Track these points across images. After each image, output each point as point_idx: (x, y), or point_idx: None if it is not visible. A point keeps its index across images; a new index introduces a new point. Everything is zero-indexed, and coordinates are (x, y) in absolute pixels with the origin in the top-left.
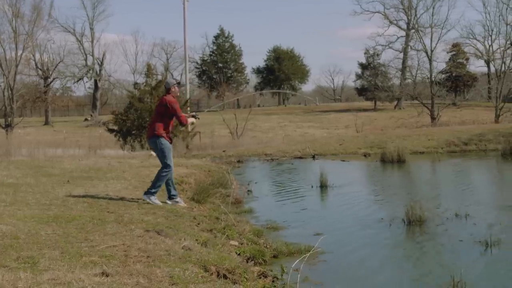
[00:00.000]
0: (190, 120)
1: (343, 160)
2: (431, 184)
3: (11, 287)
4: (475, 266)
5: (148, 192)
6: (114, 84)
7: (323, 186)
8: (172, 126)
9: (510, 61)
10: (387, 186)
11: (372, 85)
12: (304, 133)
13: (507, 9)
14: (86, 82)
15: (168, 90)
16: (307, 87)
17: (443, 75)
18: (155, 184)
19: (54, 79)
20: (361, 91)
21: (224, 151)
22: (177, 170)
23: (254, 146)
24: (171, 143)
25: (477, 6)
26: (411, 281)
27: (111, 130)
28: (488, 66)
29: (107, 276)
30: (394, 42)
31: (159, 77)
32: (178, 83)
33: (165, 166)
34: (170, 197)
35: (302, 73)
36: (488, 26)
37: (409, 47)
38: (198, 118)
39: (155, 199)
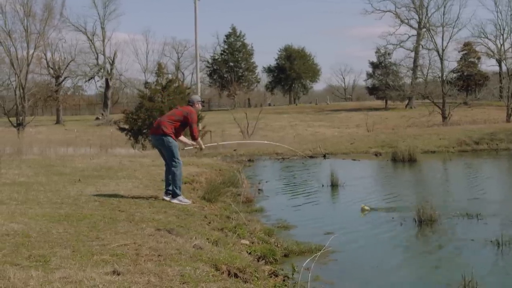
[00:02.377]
0: (200, 142)
1: (354, 159)
2: (442, 183)
3: (22, 285)
4: (486, 265)
5: (175, 195)
6: (125, 83)
7: (334, 185)
8: (179, 135)
9: None
10: (398, 185)
11: (383, 84)
12: (315, 132)
13: None
14: (97, 81)
15: (191, 105)
16: (318, 86)
17: (455, 74)
18: (175, 185)
19: (65, 78)
20: (372, 90)
21: (235, 150)
22: (188, 169)
23: (265, 145)
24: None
25: (489, 5)
26: (422, 280)
27: (122, 129)
28: (500, 65)
29: (118, 274)
30: (405, 41)
31: (170, 76)
32: (202, 101)
33: (173, 163)
34: (167, 192)
35: (313, 72)
36: (499, 25)
37: (420, 46)
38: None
39: (183, 198)
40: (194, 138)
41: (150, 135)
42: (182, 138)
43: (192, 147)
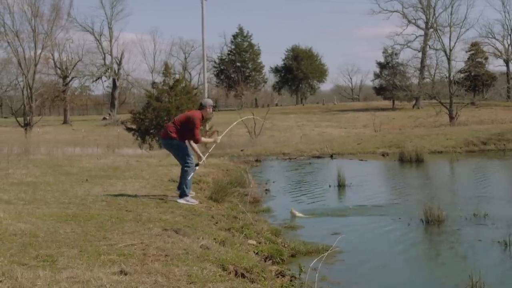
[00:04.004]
0: (206, 140)
1: (361, 160)
2: (450, 183)
3: (30, 285)
4: (493, 266)
5: (182, 194)
6: (132, 83)
7: (341, 186)
8: (186, 138)
9: None
10: (405, 186)
11: (390, 84)
12: (322, 132)
13: None
14: (105, 81)
15: (203, 108)
16: (325, 86)
17: (462, 75)
18: (186, 184)
19: (72, 78)
20: (379, 90)
21: (242, 150)
22: None
23: (272, 145)
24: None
25: (496, 5)
26: (429, 280)
27: (129, 129)
28: (507, 65)
29: (125, 274)
30: (412, 41)
31: (177, 76)
32: (214, 106)
33: (186, 164)
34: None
35: (321, 72)
36: (507, 25)
37: (428, 46)
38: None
39: (190, 199)
40: (196, 141)
41: (160, 138)
42: (194, 146)
43: (199, 165)
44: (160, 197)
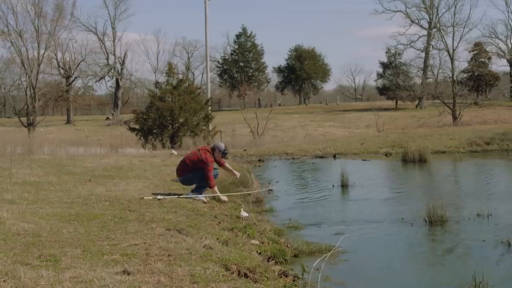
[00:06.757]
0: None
1: (364, 160)
2: (453, 184)
3: (33, 285)
4: (497, 266)
5: (196, 190)
6: (136, 83)
7: (344, 186)
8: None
9: None
10: (408, 186)
11: (393, 84)
12: (325, 132)
13: None
14: (108, 81)
15: (213, 150)
16: (328, 86)
17: (465, 75)
18: (203, 185)
19: (76, 78)
20: (383, 90)
21: (245, 150)
22: None
23: (275, 145)
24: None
25: (499, 5)
26: (432, 281)
27: (132, 129)
28: (511, 65)
29: (128, 274)
30: (415, 41)
31: (180, 76)
32: (224, 153)
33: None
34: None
35: (324, 72)
36: (510, 25)
37: (431, 46)
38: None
39: (201, 196)
40: (210, 186)
41: (177, 176)
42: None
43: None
44: (164, 197)
